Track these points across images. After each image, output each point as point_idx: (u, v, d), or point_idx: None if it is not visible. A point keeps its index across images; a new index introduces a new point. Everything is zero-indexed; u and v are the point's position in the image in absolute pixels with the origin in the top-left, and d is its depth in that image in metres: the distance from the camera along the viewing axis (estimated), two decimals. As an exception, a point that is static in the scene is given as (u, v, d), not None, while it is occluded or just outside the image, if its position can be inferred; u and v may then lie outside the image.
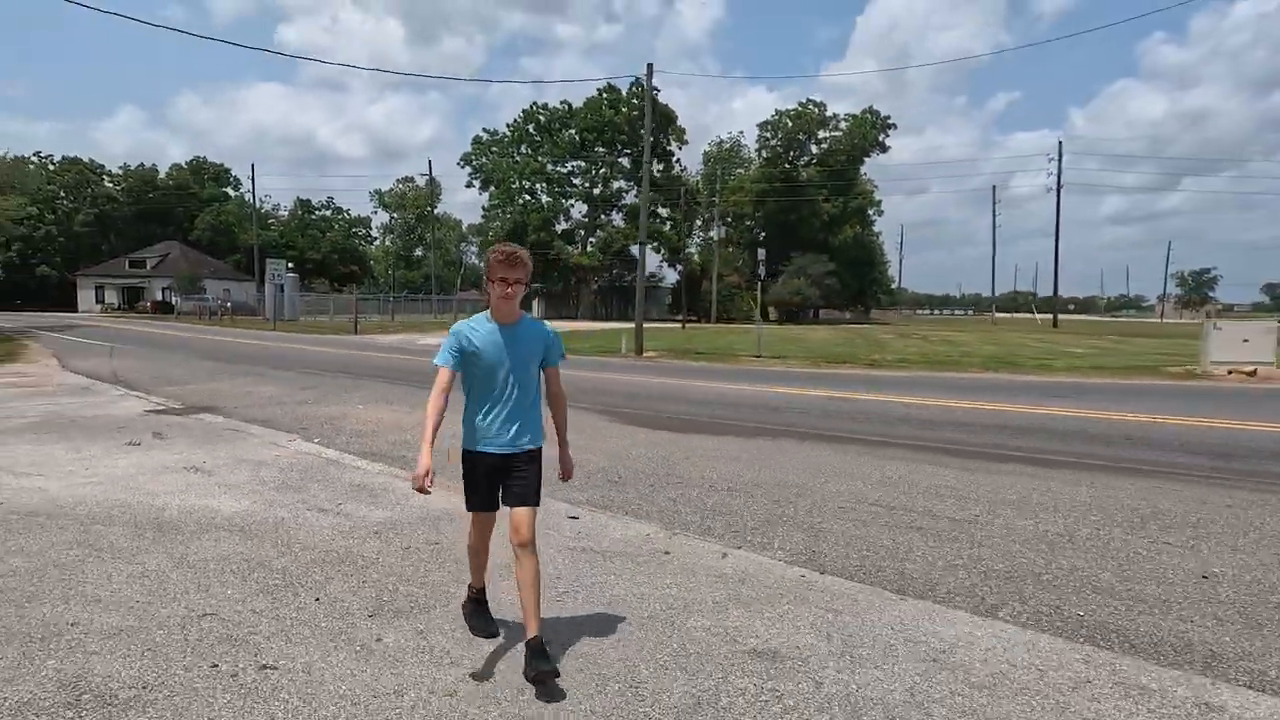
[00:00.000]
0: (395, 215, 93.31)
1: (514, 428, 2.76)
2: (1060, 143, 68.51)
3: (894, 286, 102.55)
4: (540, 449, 2.83)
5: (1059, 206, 51.67)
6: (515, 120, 65.05)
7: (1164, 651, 2.96)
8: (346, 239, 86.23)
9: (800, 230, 64.72)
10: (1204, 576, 3.76)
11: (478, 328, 2.74)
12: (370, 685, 2.58)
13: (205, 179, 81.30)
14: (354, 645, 2.89)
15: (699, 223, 72.40)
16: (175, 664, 2.69)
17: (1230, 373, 15.75)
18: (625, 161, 63.63)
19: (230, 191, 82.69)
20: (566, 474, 2.97)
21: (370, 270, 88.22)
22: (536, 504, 2.77)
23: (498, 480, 2.77)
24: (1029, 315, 78.42)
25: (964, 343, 27.47)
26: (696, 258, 68.23)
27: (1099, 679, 2.67)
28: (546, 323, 2.95)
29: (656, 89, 61.02)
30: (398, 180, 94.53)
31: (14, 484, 5.31)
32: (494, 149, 65.89)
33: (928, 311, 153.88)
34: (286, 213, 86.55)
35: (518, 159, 64.37)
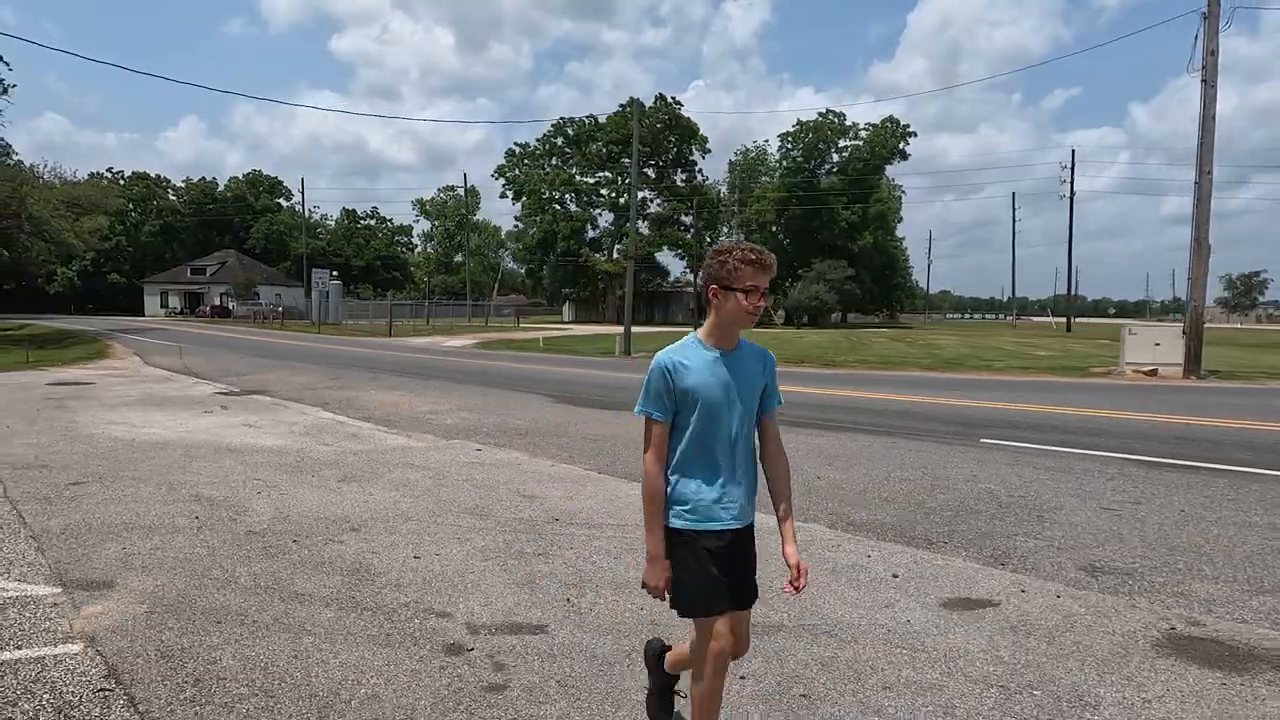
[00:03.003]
0: (436, 223, 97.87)
1: (743, 491, 2.12)
2: (1073, 151, 69.23)
3: (921, 290, 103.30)
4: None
5: (1071, 213, 52.97)
6: (545, 133, 68.44)
7: (840, 525, 5.61)
8: (389, 247, 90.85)
9: (821, 237, 66.78)
10: (817, 475, 6.37)
11: (690, 358, 2.05)
12: (327, 500, 5.39)
13: (260, 191, 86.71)
14: (324, 489, 5.72)
15: (725, 230, 75.00)
16: (239, 489, 5.56)
17: (1134, 372, 17.83)
18: (650, 172, 66.44)
19: (283, 202, 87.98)
20: (798, 576, 2.08)
21: (411, 276, 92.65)
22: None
23: (730, 567, 2.08)
24: (1055, 318, 78.97)
25: (942, 345, 29.56)
26: (720, 263, 70.63)
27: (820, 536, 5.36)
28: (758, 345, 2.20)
29: (679, 103, 63.92)
30: (439, 189, 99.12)
31: (141, 432, 8.34)
32: (526, 161, 69.31)
33: (959, 315, 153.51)
34: (334, 222, 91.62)
35: (547, 170, 67.69)
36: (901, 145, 69.97)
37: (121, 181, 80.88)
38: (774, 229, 72.20)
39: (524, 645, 3.04)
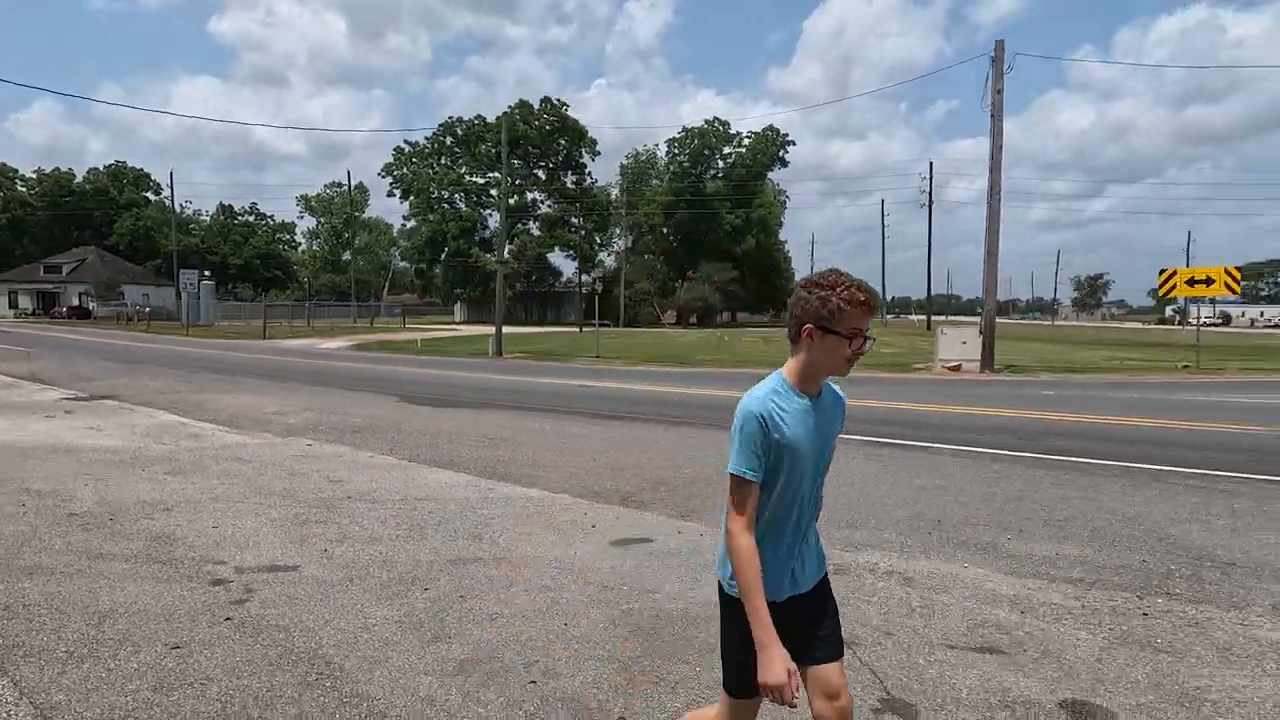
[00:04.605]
0: (322, 220, 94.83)
1: (817, 548, 1.94)
2: (931, 163, 74.79)
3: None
4: None
5: (930, 220, 57.60)
6: (435, 132, 67.95)
7: (587, 495, 6.82)
8: (270, 244, 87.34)
9: (707, 239, 69.55)
10: (593, 458, 7.68)
11: (785, 405, 1.76)
12: (150, 489, 6.22)
13: (125, 184, 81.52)
14: (151, 480, 6.52)
15: (617, 231, 76.71)
16: (68, 483, 6.30)
17: (943, 368, 20.35)
18: (540, 173, 67.19)
19: (151, 196, 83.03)
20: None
21: (294, 275, 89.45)
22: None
23: (802, 632, 1.84)
24: (920, 318, 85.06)
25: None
26: (611, 265, 72.19)
27: (488, 494, 6.51)
28: (835, 385, 1.95)
29: (565, 105, 64.94)
30: (325, 186, 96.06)
31: (-27, 435, 8.73)
32: (415, 159, 68.56)
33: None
34: (209, 218, 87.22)
35: (437, 169, 67.26)
36: (781, 153, 73.80)
37: (-40, 170, 74.29)
38: (664, 231, 74.60)
39: (275, 578, 4.12)
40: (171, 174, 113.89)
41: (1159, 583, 4.33)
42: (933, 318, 60.38)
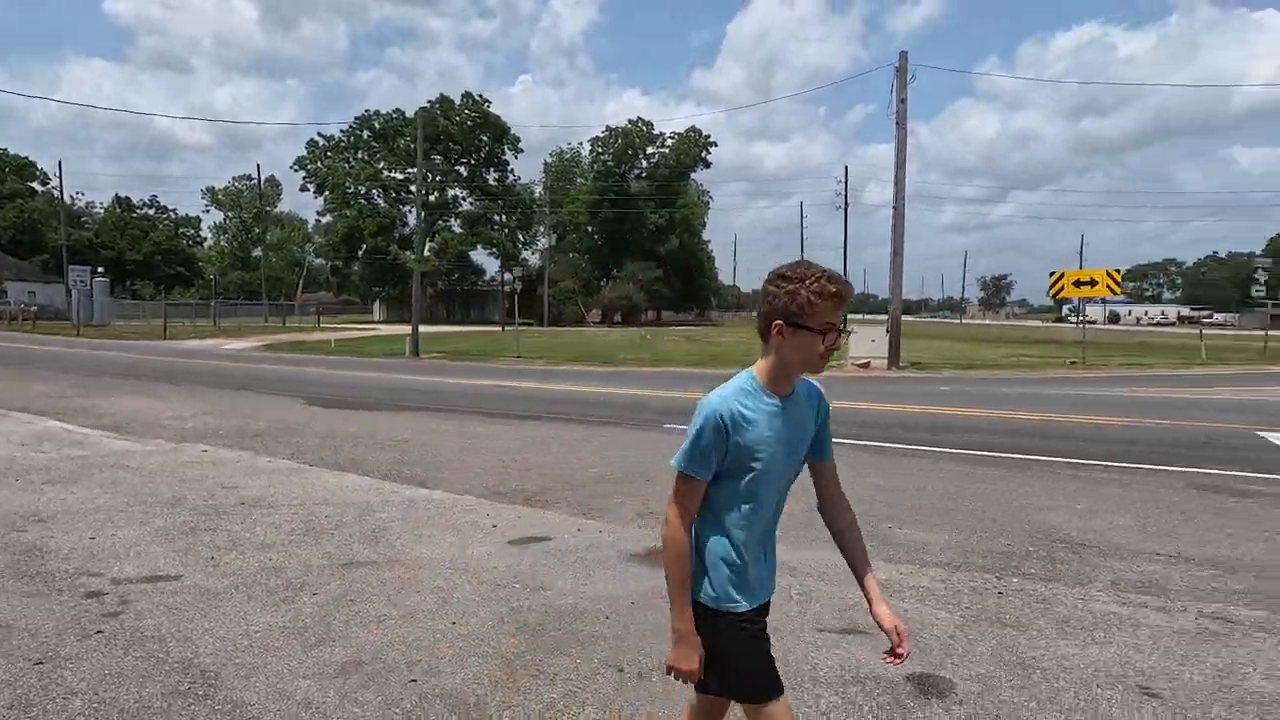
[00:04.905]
0: (230, 214, 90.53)
1: (773, 557, 1.88)
2: (846, 167, 77.27)
3: (730, 290, 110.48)
4: None
5: (846, 220, 59.42)
6: (351, 125, 65.85)
7: (490, 495, 6.78)
8: (173, 239, 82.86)
9: (632, 238, 69.89)
10: (501, 459, 7.71)
11: (751, 405, 1.70)
12: (24, 500, 5.90)
13: (6, 173, 75.76)
14: (27, 490, 6.18)
15: (541, 229, 76.19)
16: (-69, 499, 5.91)
17: (854, 365, 21.15)
18: (462, 170, 66.04)
19: (37, 186, 77.45)
20: (900, 641, 1.81)
21: (200, 272, 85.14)
22: None
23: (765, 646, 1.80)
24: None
25: (721, 343, 32.67)
26: (535, 263, 71.70)
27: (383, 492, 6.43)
28: (813, 379, 1.85)
29: (487, 101, 64.10)
30: (233, 178, 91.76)
31: None
32: (330, 153, 66.27)
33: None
34: (104, 210, 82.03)
35: (353, 164, 65.21)
36: (704, 154, 74.78)
37: None
38: (589, 229, 74.59)
39: (154, 589, 4.01)
40: (60, 163, 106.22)
41: (1018, 564, 4.70)
42: (849, 316, 62.41)
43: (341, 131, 65.70)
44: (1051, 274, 22.65)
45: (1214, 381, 17.16)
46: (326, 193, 64.16)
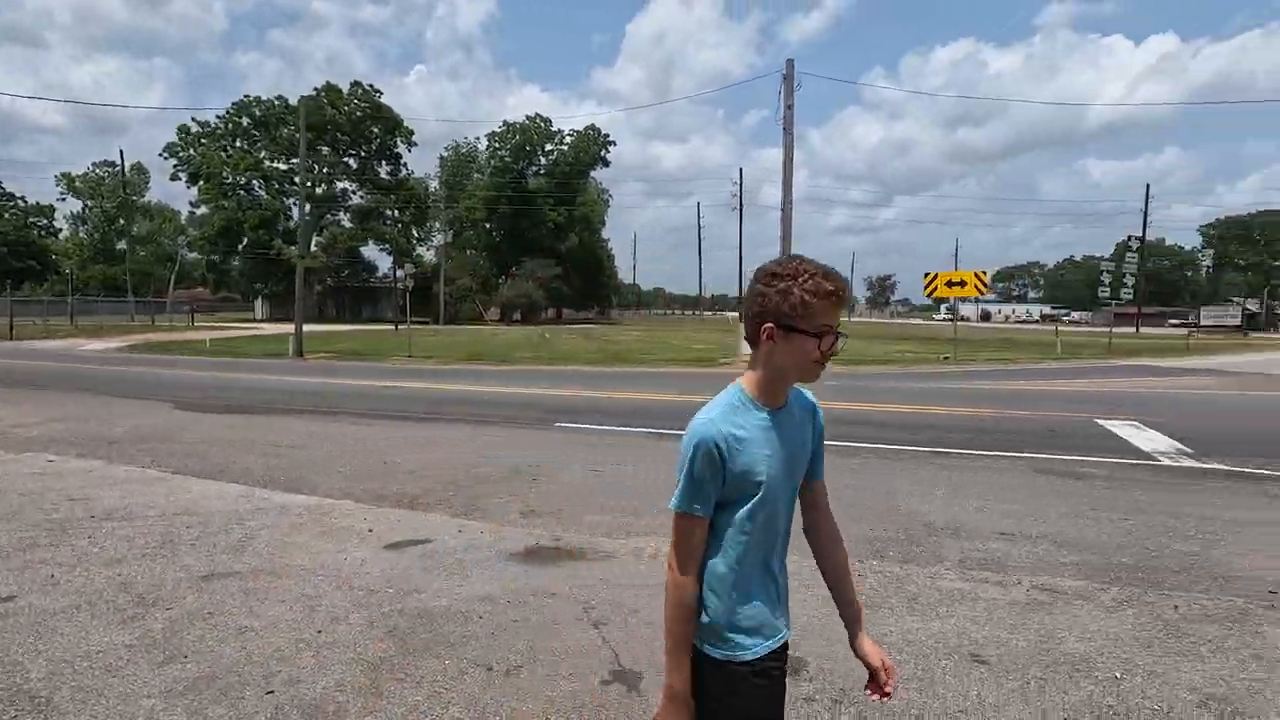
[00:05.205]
0: (90, 203, 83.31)
1: (784, 591, 1.68)
2: (740, 169, 79.74)
3: (630, 288, 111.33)
4: None
5: (741, 221, 61.09)
6: (228, 111, 61.97)
7: (369, 499, 6.52)
8: (21, 230, 75.43)
9: (530, 236, 69.19)
10: (384, 461, 7.52)
11: (743, 422, 1.53)
12: None
13: None
14: None
15: (436, 225, 74.23)
16: None
17: (743, 361, 21.77)
18: (351, 162, 63.45)
19: None
20: (888, 678, 1.67)
21: (55, 266, 77.95)
22: None
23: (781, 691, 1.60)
24: (735, 314, 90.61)
25: (621, 341, 32.89)
26: (431, 260, 69.83)
27: (250, 501, 6.13)
28: (805, 390, 1.69)
29: (379, 91, 61.87)
30: (92, 165, 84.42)
31: None
32: (204, 140, 62.15)
33: (669, 312, 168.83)
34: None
35: (231, 153, 61.42)
36: (603, 153, 74.93)
37: None
38: (486, 226, 73.34)
39: (-19, 612, 3.69)
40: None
41: (880, 548, 5.01)
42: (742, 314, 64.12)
43: (218, 117, 61.82)
44: (926, 275, 24.09)
45: (1065, 375, 18.76)
46: (201, 182, 60.12)
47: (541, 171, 72.73)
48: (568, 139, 73.01)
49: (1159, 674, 3.22)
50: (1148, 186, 57.83)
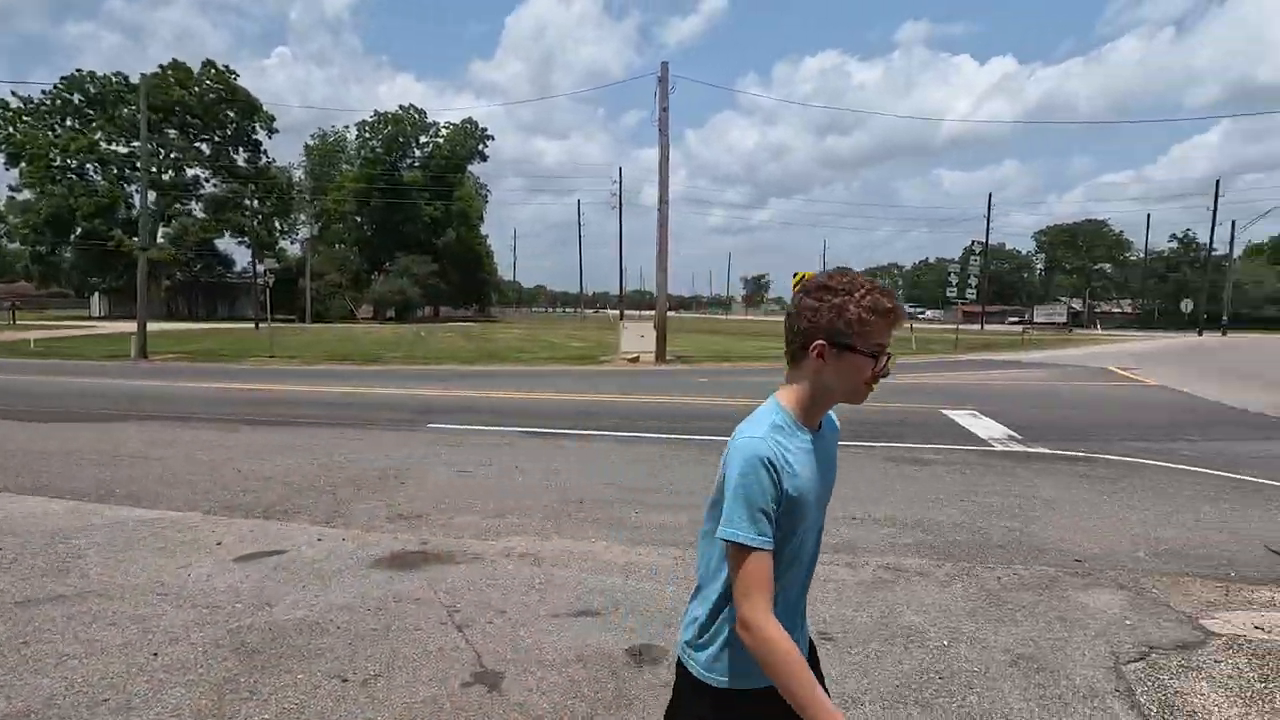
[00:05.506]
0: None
1: (806, 630, 1.60)
2: (620, 168, 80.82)
3: (511, 285, 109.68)
4: None
5: (620, 220, 61.64)
6: (57, 87, 55.88)
7: (218, 510, 6.03)
8: None
9: (405, 230, 66.74)
10: (238, 469, 7.09)
11: (791, 446, 1.42)
12: None
13: None
14: None
15: (302, 217, 70.18)
16: None
17: (625, 360, 22.04)
18: (204, 148, 58.89)
19: None
20: None
21: None
22: None
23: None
24: (611, 311, 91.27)
25: (500, 339, 32.40)
26: (297, 254, 65.96)
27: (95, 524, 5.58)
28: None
29: (234, 73, 57.79)
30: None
31: None
32: (27, 118, 55.79)
33: (551, 310, 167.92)
34: None
35: (60, 133, 55.48)
36: (481, 147, 73.46)
37: None
38: (357, 219, 70.10)
39: None
40: None
41: (742, 537, 5.23)
42: (626, 313, 64.87)
43: (44, 93, 55.66)
44: (795, 274, 25.24)
45: (918, 369, 20.22)
46: (24, 164, 53.99)
47: (416, 164, 70.34)
48: (444, 131, 71.01)
49: (980, 639, 3.56)
50: (990, 195, 63.39)
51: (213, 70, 56.71)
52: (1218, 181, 51.43)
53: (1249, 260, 69.68)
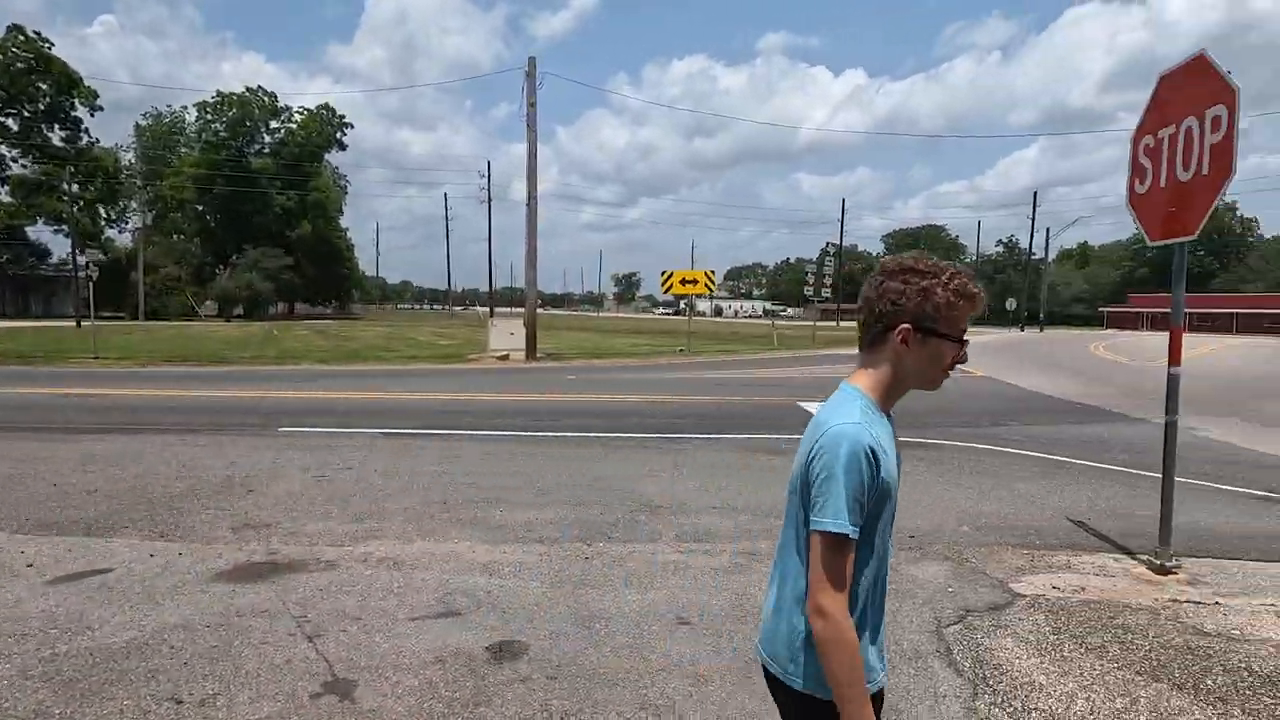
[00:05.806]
0: None
1: (885, 629, 1.52)
2: (489, 162, 79.79)
3: (374, 281, 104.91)
4: None
5: (490, 215, 60.74)
6: None
7: (25, 529, 5.32)
8: None
9: (255, 222, 62.24)
10: (54, 484, 6.42)
11: (881, 434, 1.38)
12: None
13: None
14: None
15: (133, 204, 63.72)
16: None
17: (494, 358, 21.71)
18: (10, 123, 52.33)
19: None
20: None
21: None
22: None
23: None
24: (480, 308, 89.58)
25: (360, 337, 30.96)
26: (126, 245, 59.95)
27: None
28: None
29: (48, 41, 51.71)
30: None
31: None
32: None
33: (417, 306, 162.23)
34: None
35: None
36: (339, 135, 69.82)
37: None
38: (198, 208, 64.64)
39: None
40: None
41: (606, 530, 5.32)
42: (496, 310, 63.79)
43: None
44: (663, 273, 25.79)
45: (779, 364, 21.24)
46: None
47: (266, 151, 65.85)
48: (298, 117, 66.93)
49: (823, 614, 3.82)
50: (844, 200, 67.48)
51: (20, 37, 50.46)
52: (1035, 193, 57.55)
53: (1060, 264, 78.33)
